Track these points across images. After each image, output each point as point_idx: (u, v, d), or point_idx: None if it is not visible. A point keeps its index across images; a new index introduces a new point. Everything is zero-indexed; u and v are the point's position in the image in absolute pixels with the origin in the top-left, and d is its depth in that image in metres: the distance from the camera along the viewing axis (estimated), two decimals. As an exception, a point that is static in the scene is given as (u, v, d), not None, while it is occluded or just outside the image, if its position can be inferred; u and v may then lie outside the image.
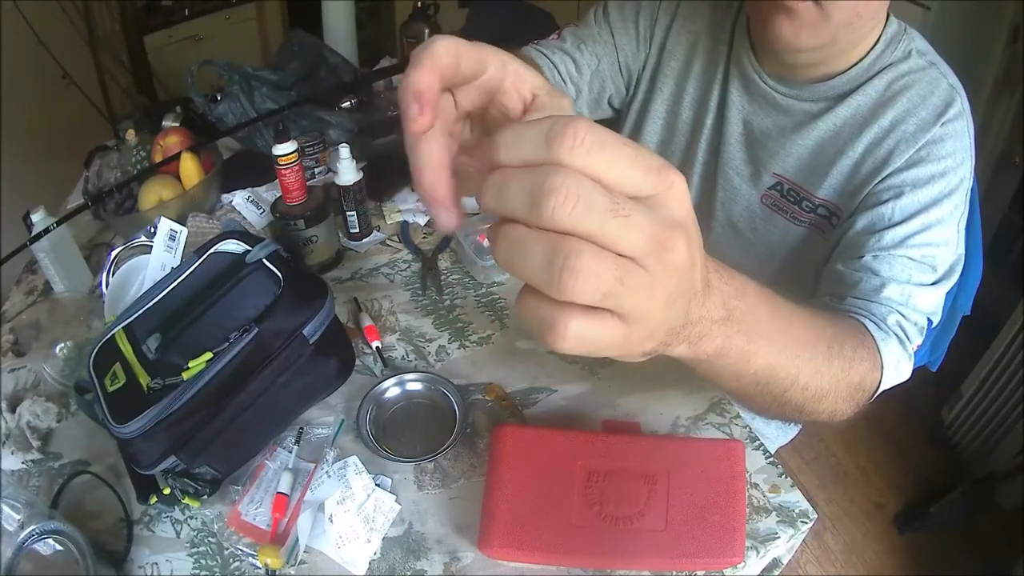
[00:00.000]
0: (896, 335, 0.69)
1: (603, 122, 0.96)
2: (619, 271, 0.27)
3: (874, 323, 0.69)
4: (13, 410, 0.89)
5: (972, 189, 0.78)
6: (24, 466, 0.85)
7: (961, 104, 0.75)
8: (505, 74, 0.34)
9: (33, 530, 0.66)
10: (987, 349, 1.65)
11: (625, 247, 0.27)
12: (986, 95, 1.77)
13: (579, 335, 0.28)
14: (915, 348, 0.71)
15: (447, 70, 0.32)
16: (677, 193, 0.28)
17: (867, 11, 0.69)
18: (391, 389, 0.91)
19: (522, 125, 0.28)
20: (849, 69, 0.77)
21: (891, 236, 0.72)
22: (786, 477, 0.84)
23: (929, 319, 0.73)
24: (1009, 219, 1.85)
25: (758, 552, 0.76)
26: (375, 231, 1.21)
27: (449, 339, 1.01)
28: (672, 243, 0.28)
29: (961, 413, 1.77)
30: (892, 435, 1.92)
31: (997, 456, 1.69)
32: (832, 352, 0.56)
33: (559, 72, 0.86)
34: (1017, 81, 1.72)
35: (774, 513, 0.80)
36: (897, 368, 0.69)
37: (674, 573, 0.73)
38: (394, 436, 0.87)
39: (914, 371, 0.72)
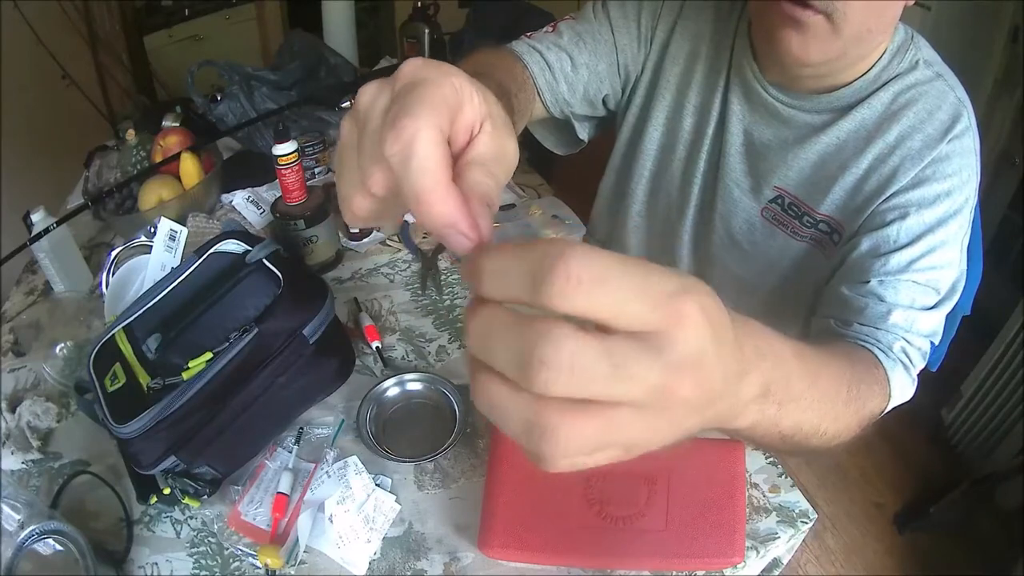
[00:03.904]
0: (902, 362, 0.69)
1: (599, 121, 0.96)
2: (608, 426, 0.25)
3: (882, 351, 0.68)
4: (13, 410, 0.89)
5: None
6: (24, 466, 0.85)
7: (968, 118, 0.73)
8: (461, 106, 0.31)
9: (33, 530, 0.66)
10: (987, 349, 1.65)
11: (622, 399, 0.25)
12: (986, 95, 1.77)
13: (571, 467, 0.26)
14: (918, 372, 0.71)
15: (448, 163, 0.29)
16: (689, 324, 0.25)
17: (878, 26, 0.68)
18: (391, 389, 0.91)
19: (507, 255, 0.25)
20: (854, 81, 0.74)
21: (896, 260, 0.71)
22: (786, 477, 0.84)
23: (932, 342, 0.72)
24: (1009, 219, 1.85)
25: (758, 552, 0.77)
26: (375, 231, 1.21)
27: (449, 339, 1.01)
28: (676, 388, 0.25)
29: (961, 413, 1.77)
30: (892, 435, 1.91)
31: (997, 456, 1.69)
32: (851, 396, 0.56)
33: (552, 71, 0.83)
34: (1017, 81, 1.72)
35: (774, 513, 0.80)
36: (902, 393, 0.68)
37: (674, 573, 0.73)
38: (394, 436, 0.87)
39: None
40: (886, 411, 0.67)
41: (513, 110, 0.68)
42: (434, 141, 0.28)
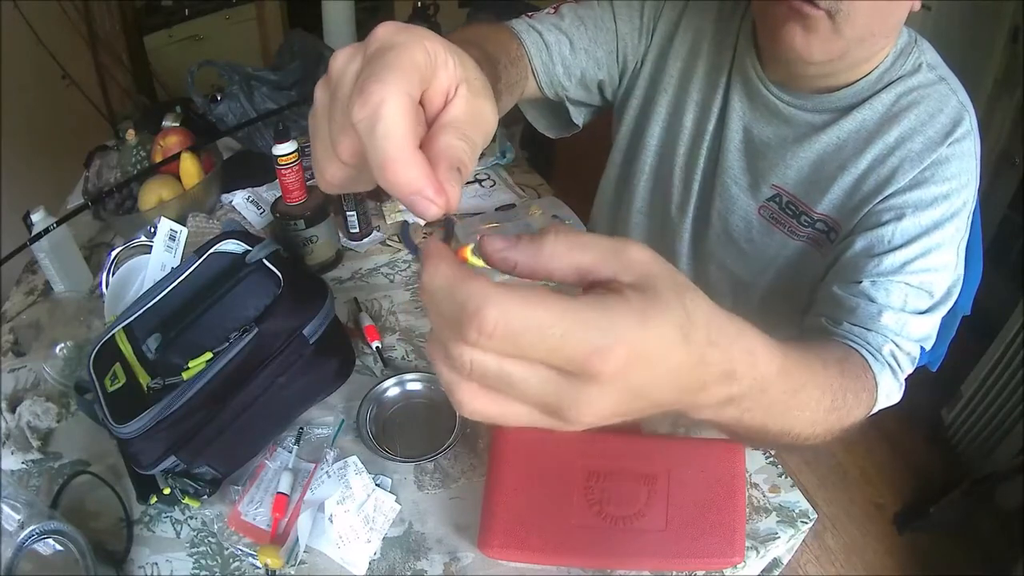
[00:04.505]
0: (890, 366, 0.68)
1: (594, 108, 0.96)
2: (506, 413, 0.28)
3: (871, 353, 0.68)
4: (13, 410, 0.89)
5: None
6: (24, 466, 0.85)
7: (969, 123, 0.73)
8: (435, 70, 0.31)
9: (33, 530, 0.66)
10: (987, 349, 1.65)
11: (519, 400, 0.28)
12: (986, 95, 1.77)
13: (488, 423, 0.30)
14: (905, 377, 0.71)
15: (416, 128, 0.29)
16: (604, 379, 0.27)
17: (881, 29, 0.68)
18: (391, 389, 0.91)
19: (446, 286, 0.27)
20: (856, 81, 0.74)
21: (890, 261, 0.71)
22: (786, 477, 0.84)
23: (922, 347, 0.72)
24: (1009, 219, 1.85)
25: (758, 552, 0.77)
26: (375, 231, 1.21)
27: (449, 339, 1.00)
28: (569, 413, 0.28)
29: (961, 413, 1.77)
30: (892, 435, 1.92)
31: (997, 456, 1.69)
32: (835, 405, 0.55)
33: (550, 52, 0.82)
34: (1017, 81, 1.72)
35: (774, 513, 0.80)
36: (888, 398, 0.68)
37: (674, 573, 0.73)
38: (394, 436, 0.87)
39: (914, 371, 0.72)
40: (871, 415, 0.67)
41: (499, 79, 0.68)
42: (401, 107, 0.28)
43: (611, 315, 0.27)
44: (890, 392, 0.68)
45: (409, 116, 0.29)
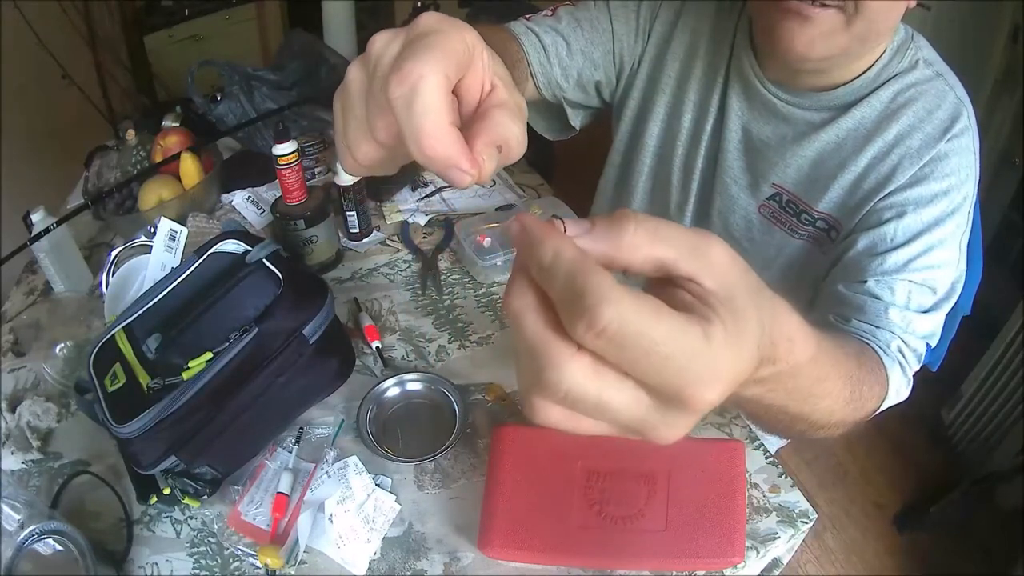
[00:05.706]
0: (899, 361, 0.69)
1: (593, 110, 0.95)
2: (578, 425, 0.28)
3: (881, 349, 0.68)
4: (13, 410, 0.89)
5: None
6: (24, 466, 0.85)
7: (968, 118, 0.73)
8: (472, 60, 0.32)
9: (33, 530, 0.66)
10: (987, 349, 1.65)
11: (599, 420, 0.28)
12: (986, 95, 1.77)
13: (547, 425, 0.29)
14: (913, 373, 0.71)
15: (451, 108, 0.30)
16: (696, 409, 0.27)
17: (885, 24, 0.68)
18: (391, 389, 0.91)
19: (567, 256, 0.26)
20: (854, 79, 0.75)
21: (893, 260, 0.71)
22: (786, 477, 0.84)
23: (928, 343, 0.72)
24: (1009, 219, 1.85)
25: (758, 552, 0.77)
26: (375, 231, 1.21)
27: (449, 339, 1.01)
28: (653, 434, 0.27)
29: (961, 413, 1.77)
30: (892, 435, 1.91)
31: (997, 456, 1.69)
32: (852, 396, 0.55)
33: (547, 54, 0.83)
34: (1017, 81, 1.72)
35: (774, 513, 0.80)
36: (898, 393, 0.69)
37: (674, 573, 0.73)
38: (394, 436, 0.87)
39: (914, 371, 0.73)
40: (880, 410, 0.67)
41: None
42: (438, 85, 0.29)
43: (713, 345, 0.26)
44: (899, 388, 0.69)
45: (445, 95, 0.29)
